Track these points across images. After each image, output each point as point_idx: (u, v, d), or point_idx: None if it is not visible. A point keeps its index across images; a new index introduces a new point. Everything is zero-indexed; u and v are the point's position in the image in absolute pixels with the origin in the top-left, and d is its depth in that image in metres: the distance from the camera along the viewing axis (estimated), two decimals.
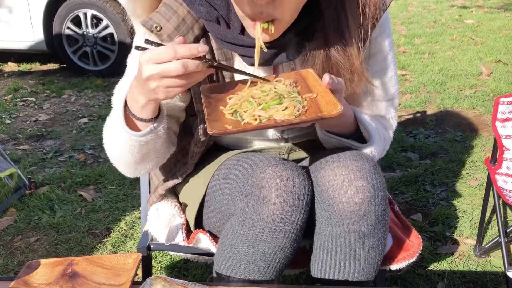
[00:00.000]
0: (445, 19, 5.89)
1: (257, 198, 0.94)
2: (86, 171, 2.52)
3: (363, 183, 0.95)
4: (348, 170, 0.97)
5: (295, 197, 0.94)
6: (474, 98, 3.35)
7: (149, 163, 1.08)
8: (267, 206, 0.93)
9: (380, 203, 0.97)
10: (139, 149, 0.99)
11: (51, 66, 4.56)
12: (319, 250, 1.02)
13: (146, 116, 0.94)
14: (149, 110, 0.93)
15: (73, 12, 3.97)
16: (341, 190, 0.96)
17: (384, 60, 1.12)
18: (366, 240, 0.98)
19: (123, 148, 1.00)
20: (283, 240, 0.95)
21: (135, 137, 0.96)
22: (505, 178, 1.64)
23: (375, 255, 1.01)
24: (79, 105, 3.54)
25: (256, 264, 0.97)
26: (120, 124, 0.95)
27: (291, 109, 0.89)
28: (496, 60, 4.15)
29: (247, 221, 0.95)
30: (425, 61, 4.25)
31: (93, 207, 2.19)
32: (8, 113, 3.38)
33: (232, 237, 0.98)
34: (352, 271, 1.00)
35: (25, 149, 2.83)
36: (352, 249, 0.98)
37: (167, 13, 0.98)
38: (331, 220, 0.98)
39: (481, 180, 2.32)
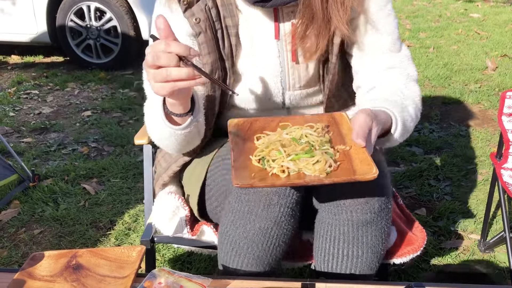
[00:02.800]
0: (450, 13, 5.85)
1: None
2: (89, 164, 2.51)
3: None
4: None
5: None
6: (479, 93, 3.32)
7: (195, 144, 1.13)
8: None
9: (383, 190, 0.97)
10: (184, 138, 1.05)
11: (54, 59, 4.56)
12: (322, 240, 1.02)
13: (179, 111, 0.98)
14: (178, 106, 0.97)
15: (77, 4, 3.96)
16: None
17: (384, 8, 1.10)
18: (369, 228, 0.98)
19: (168, 139, 1.06)
20: (278, 214, 0.96)
21: (179, 131, 1.01)
22: (511, 173, 1.63)
23: (378, 244, 1.00)
24: (83, 98, 3.54)
25: (255, 240, 0.97)
26: (162, 121, 0.99)
27: (322, 164, 0.86)
28: (502, 55, 4.12)
29: (243, 196, 0.97)
30: (430, 55, 4.22)
31: (96, 200, 2.19)
32: (11, 106, 3.38)
33: (230, 214, 1.00)
34: (355, 260, 1.00)
35: (28, 142, 2.83)
36: (355, 237, 0.98)
37: None
38: (334, 208, 0.98)
39: (486, 175, 2.30)
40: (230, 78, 1.14)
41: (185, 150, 1.14)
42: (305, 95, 1.18)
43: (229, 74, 1.13)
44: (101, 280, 0.98)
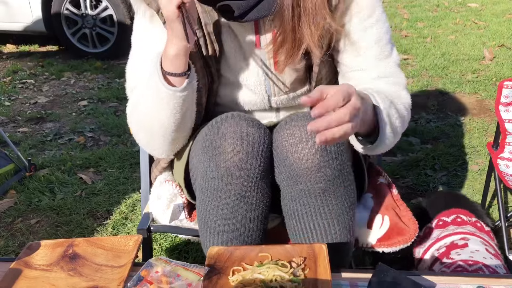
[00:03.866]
0: (448, 2, 5.82)
1: (213, 149, 0.97)
2: (86, 153, 2.51)
3: (313, 139, 0.96)
4: (299, 129, 0.98)
5: (249, 145, 0.96)
6: (477, 83, 3.32)
7: (185, 129, 1.11)
8: (222, 155, 0.96)
9: (334, 157, 0.97)
10: (181, 107, 1.03)
11: (50, 48, 4.53)
12: (288, 217, 1.03)
13: (180, 69, 0.98)
14: (180, 61, 0.97)
15: None
16: (293, 149, 0.97)
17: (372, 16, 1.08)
18: (328, 196, 0.99)
19: (164, 113, 1.03)
20: (242, 188, 0.97)
21: (178, 92, 1.00)
22: (507, 162, 1.64)
23: (343, 214, 1.01)
24: (79, 87, 3.52)
25: (223, 217, 0.99)
26: (161, 85, 0.99)
27: None
28: (499, 45, 4.11)
29: (208, 173, 0.98)
30: (427, 45, 4.21)
31: (93, 190, 2.19)
32: (7, 95, 3.36)
33: (200, 193, 1.01)
34: (324, 233, 1.01)
35: (24, 132, 2.82)
36: (317, 208, 0.99)
37: None
38: (289, 181, 0.99)
39: (482, 165, 2.31)
40: (215, 83, 1.14)
41: (175, 136, 1.09)
42: (292, 98, 1.18)
43: (214, 80, 1.13)
44: (98, 269, 0.98)
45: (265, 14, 1.01)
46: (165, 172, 1.31)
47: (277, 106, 1.19)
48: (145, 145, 1.15)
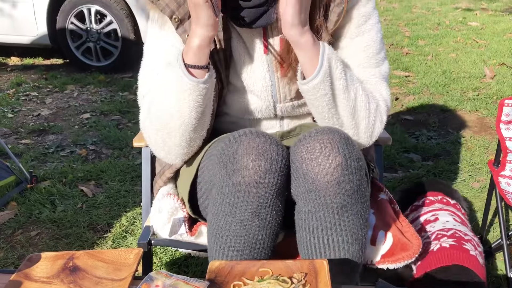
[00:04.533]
0: (449, 21, 5.88)
1: (231, 165, 0.98)
2: (87, 166, 2.51)
3: (334, 153, 0.97)
4: (319, 143, 0.99)
5: (267, 162, 0.97)
6: (477, 101, 3.34)
7: (202, 128, 1.12)
8: (240, 171, 0.96)
9: (354, 173, 0.98)
10: (203, 101, 1.05)
11: (54, 61, 4.56)
12: (302, 231, 1.02)
13: (202, 62, 1.02)
14: (203, 53, 1.01)
15: (77, 7, 3.97)
16: (313, 163, 0.98)
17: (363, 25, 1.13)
18: (345, 212, 0.98)
19: (187, 106, 1.05)
20: (258, 205, 0.97)
21: (201, 84, 1.02)
22: (508, 180, 1.64)
23: (357, 230, 1.01)
24: (82, 100, 3.54)
25: (236, 232, 0.99)
26: (185, 78, 1.02)
27: None
28: (500, 63, 4.14)
29: (224, 188, 0.98)
30: (428, 62, 4.24)
31: (94, 203, 2.19)
32: (10, 107, 3.38)
33: (214, 207, 1.01)
34: (337, 249, 1.00)
35: (27, 143, 2.83)
36: (333, 223, 0.99)
37: None
38: (308, 195, 0.99)
39: (483, 182, 2.31)
40: (224, 89, 1.16)
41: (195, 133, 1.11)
42: (296, 106, 1.21)
43: (224, 85, 1.16)
44: (98, 282, 0.97)
45: (273, 21, 1.05)
46: (167, 185, 1.31)
47: (281, 114, 1.21)
48: (161, 147, 1.14)
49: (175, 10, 1.07)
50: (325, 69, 1.04)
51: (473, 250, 1.38)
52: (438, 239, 1.42)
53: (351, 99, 1.08)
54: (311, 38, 1.03)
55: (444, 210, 1.57)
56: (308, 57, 1.04)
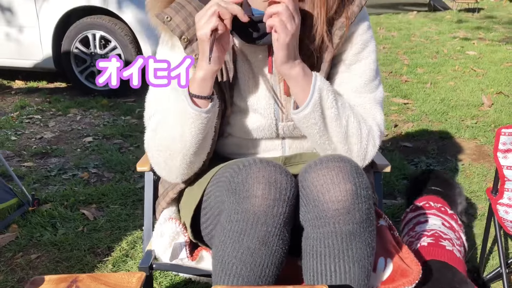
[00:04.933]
0: (447, 50, 5.98)
1: (241, 193, 0.99)
2: (89, 189, 2.53)
3: (345, 181, 1.00)
4: (330, 171, 1.01)
5: (276, 191, 0.99)
6: (476, 129, 3.38)
7: (203, 152, 1.16)
8: (249, 199, 0.98)
9: (364, 201, 1.00)
10: (204, 128, 1.09)
11: (58, 85, 4.62)
12: (309, 257, 1.03)
13: (205, 93, 1.06)
14: (207, 84, 1.05)
15: (82, 32, 4.05)
16: (324, 190, 1.00)
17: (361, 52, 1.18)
18: (353, 240, 1.00)
19: (189, 132, 1.09)
20: (266, 233, 0.98)
21: (203, 113, 1.06)
22: (506, 208, 1.65)
23: (364, 259, 1.02)
24: (84, 124, 3.58)
25: (243, 260, 0.99)
26: (189, 108, 1.06)
27: None
28: (497, 92, 4.20)
29: (233, 215, 1.00)
30: (427, 90, 4.30)
31: (95, 226, 2.20)
32: (14, 130, 3.42)
33: (221, 234, 1.02)
34: (343, 276, 1.01)
35: (29, 166, 2.85)
36: (341, 251, 1.00)
37: (176, 8, 1.13)
38: (317, 221, 1.01)
39: (482, 210, 2.32)
40: (228, 109, 1.20)
41: (197, 155, 1.15)
42: (297, 126, 1.23)
43: (227, 106, 1.19)
44: None
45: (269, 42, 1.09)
46: (169, 208, 1.33)
47: (283, 134, 1.24)
48: (162, 167, 1.19)
49: (184, 31, 1.12)
50: (315, 100, 1.08)
51: (450, 246, 1.50)
52: (419, 239, 1.56)
53: (343, 125, 1.12)
54: (301, 71, 1.08)
55: (437, 216, 1.68)
56: (299, 88, 1.09)
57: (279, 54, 1.04)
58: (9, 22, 4.14)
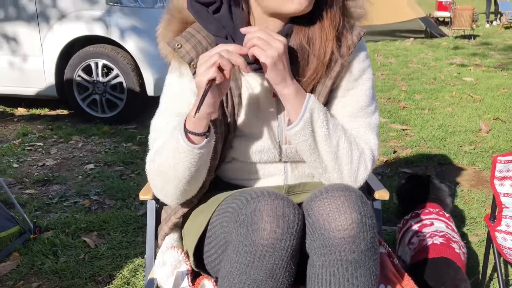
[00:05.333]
0: (444, 76, 6.07)
1: (249, 225, 1.01)
2: (90, 217, 2.54)
3: (351, 210, 1.02)
4: (336, 200, 1.04)
5: (284, 224, 1.00)
6: (474, 154, 3.41)
7: (196, 183, 1.19)
8: (258, 232, 1.00)
9: (369, 230, 1.03)
10: (196, 163, 1.12)
11: (60, 112, 4.68)
12: (314, 285, 1.05)
13: (200, 130, 1.09)
14: (202, 123, 1.08)
15: (85, 61, 4.12)
16: (330, 219, 1.02)
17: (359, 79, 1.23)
18: (358, 268, 1.02)
19: (181, 165, 1.12)
20: (273, 266, 0.99)
21: (196, 149, 1.09)
22: (505, 235, 1.67)
23: (368, 286, 1.04)
24: (86, 151, 3.61)
25: None
26: (182, 141, 1.09)
27: None
28: (494, 118, 4.25)
29: (240, 247, 1.01)
30: (425, 116, 4.35)
31: (96, 253, 2.20)
32: (16, 157, 3.45)
33: (228, 265, 1.03)
34: None
35: (31, 194, 2.87)
36: (346, 279, 1.01)
37: (186, 36, 1.18)
38: (323, 250, 1.03)
39: (482, 236, 2.33)
40: (231, 134, 1.23)
41: (190, 184, 1.18)
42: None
43: (230, 130, 1.22)
44: None
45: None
46: (171, 236, 1.34)
47: (286, 158, 1.27)
48: (159, 190, 1.22)
49: (194, 58, 1.16)
50: (306, 119, 1.12)
51: (458, 249, 1.67)
52: (431, 237, 1.72)
53: (333, 145, 1.16)
54: (294, 91, 1.12)
55: (439, 220, 1.84)
56: (291, 106, 1.14)
57: (269, 77, 1.09)
58: (14, 51, 4.22)
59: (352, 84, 1.23)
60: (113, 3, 4.01)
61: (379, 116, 1.36)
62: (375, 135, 1.26)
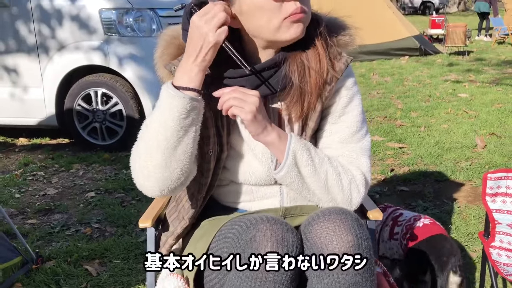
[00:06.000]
0: (439, 93, 6.14)
1: (249, 250, 1.04)
2: (92, 245, 2.57)
3: (347, 233, 1.06)
4: (333, 223, 1.08)
5: (284, 249, 1.04)
6: (470, 170, 3.44)
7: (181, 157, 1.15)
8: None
9: (365, 252, 1.06)
10: (187, 114, 1.11)
11: (60, 141, 4.73)
12: None
13: (195, 86, 1.11)
14: (199, 77, 1.11)
15: (85, 90, 4.19)
16: (327, 241, 1.06)
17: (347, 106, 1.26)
18: None
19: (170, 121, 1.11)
20: None
21: (187, 98, 1.09)
22: (499, 251, 1.70)
23: None
24: (87, 179, 3.65)
25: None
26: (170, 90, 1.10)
27: None
28: (490, 133, 4.29)
29: (241, 273, 1.04)
30: (421, 134, 4.40)
31: (98, 282, 2.22)
32: (17, 188, 3.49)
33: None
34: None
35: (33, 223, 2.89)
36: None
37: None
38: (321, 272, 1.05)
39: (480, 252, 2.35)
40: (224, 153, 1.25)
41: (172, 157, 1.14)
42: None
43: (224, 149, 1.25)
44: None
45: (273, 91, 1.18)
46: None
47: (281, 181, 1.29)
48: (140, 171, 1.18)
49: None
50: (289, 163, 1.16)
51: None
52: (417, 220, 1.89)
53: (322, 180, 1.19)
54: (276, 136, 1.16)
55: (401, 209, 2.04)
56: (277, 150, 1.18)
57: (251, 130, 1.14)
58: (14, 83, 4.30)
59: (342, 111, 1.27)
60: (111, 33, 4.10)
61: (376, 135, 1.40)
62: (368, 157, 1.29)
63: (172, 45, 1.25)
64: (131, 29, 4.15)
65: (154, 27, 4.24)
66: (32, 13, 4.16)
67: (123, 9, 4.12)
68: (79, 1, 4.13)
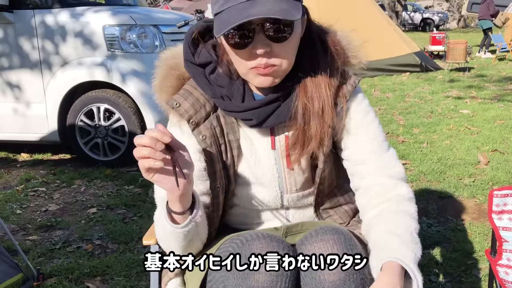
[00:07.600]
0: (441, 109, 6.14)
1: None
2: (93, 262, 2.54)
3: (340, 253, 1.06)
4: (326, 243, 1.08)
5: (279, 267, 1.04)
6: (474, 187, 3.43)
7: (195, 246, 1.21)
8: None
9: (358, 271, 1.06)
10: (184, 238, 1.14)
11: (62, 156, 4.72)
12: None
13: (179, 210, 1.09)
14: (177, 204, 1.07)
15: (87, 106, 4.20)
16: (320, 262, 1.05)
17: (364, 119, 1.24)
18: None
19: (169, 238, 1.15)
20: None
21: (178, 229, 1.10)
22: (506, 269, 1.68)
23: None
24: (88, 195, 3.64)
25: None
26: (164, 220, 1.10)
27: None
28: (492, 149, 4.28)
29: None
30: (424, 150, 4.39)
31: None
32: (19, 203, 3.47)
33: None
34: None
35: (34, 240, 2.87)
36: None
37: (184, 94, 1.21)
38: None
39: (485, 270, 2.32)
40: (232, 184, 1.26)
41: (187, 250, 1.20)
42: (301, 197, 1.31)
43: (231, 181, 1.26)
44: None
45: (281, 121, 1.18)
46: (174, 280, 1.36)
47: (287, 205, 1.30)
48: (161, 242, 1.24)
49: (192, 115, 1.20)
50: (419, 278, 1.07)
51: None
52: None
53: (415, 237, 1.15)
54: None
55: None
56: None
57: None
58: (17, 98, 4.31)
59: (359, 125, 1.24)
60: (114, 49, 4.13)
61: None
62: (399, 162, 1.26)
63: (171, 76, 1.24)
64: (134, 45, 4.18)
65: (157, 44, 4.27)
66: (36, 30, 4.19)
67: (127, 25, 4.15)
68: (83, 18, 4.16)
